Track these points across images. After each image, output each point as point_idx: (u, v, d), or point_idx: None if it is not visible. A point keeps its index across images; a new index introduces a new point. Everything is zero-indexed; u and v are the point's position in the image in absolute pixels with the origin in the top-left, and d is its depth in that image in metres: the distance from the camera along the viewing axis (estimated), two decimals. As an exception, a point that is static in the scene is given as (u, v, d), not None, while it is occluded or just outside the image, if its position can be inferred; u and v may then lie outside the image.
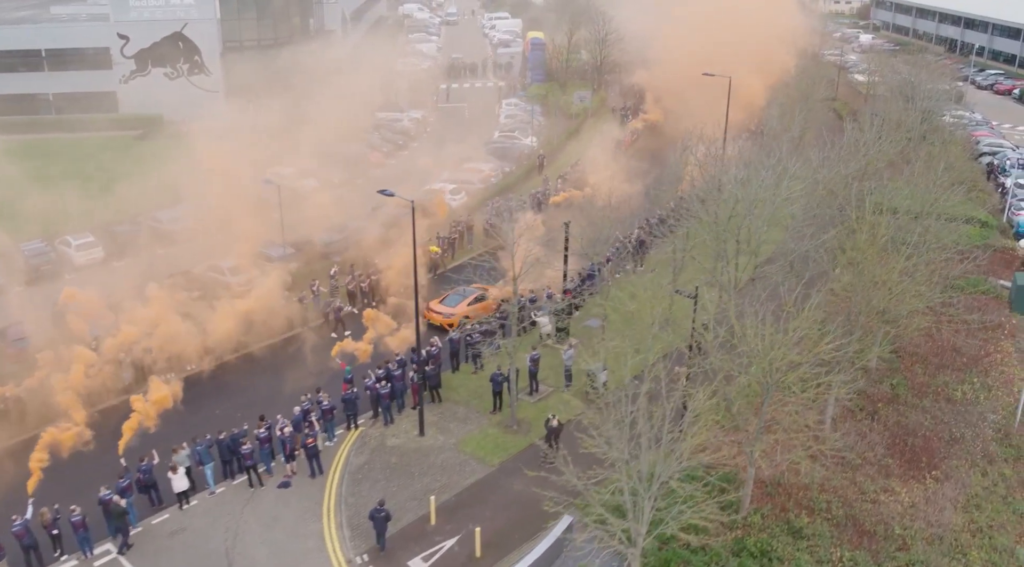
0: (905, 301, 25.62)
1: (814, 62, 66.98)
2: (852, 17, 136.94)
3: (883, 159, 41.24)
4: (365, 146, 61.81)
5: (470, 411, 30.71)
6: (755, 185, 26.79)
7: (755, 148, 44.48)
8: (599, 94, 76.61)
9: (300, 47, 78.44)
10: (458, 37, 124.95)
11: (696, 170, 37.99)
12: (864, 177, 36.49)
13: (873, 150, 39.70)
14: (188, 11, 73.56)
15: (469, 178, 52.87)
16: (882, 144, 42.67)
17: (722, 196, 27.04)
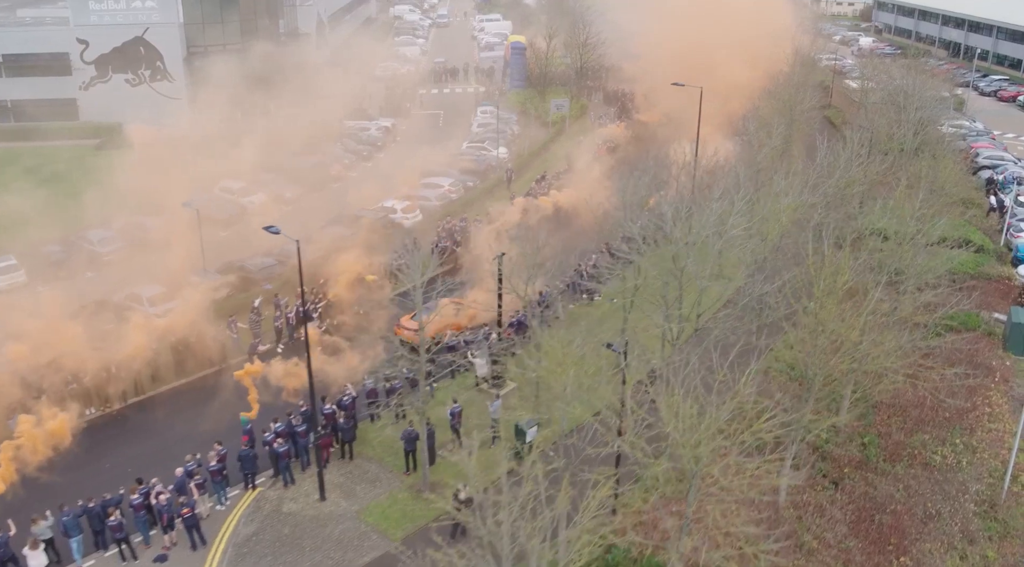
0: (872, 361, 21.94)
1: (805, 66, 62.91)
2: (854, 19, 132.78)
3: (866, 180, 37.47)
4: (325, 157, 58.25)
5: (383, 470, 27.15)
6: (696, 223, 23.11)
7: (735, 164, 40.77)
8: (580, 101, 72.88)
9: (269, 52, 75.08)
10: (447, 40, 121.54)
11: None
12: (840, 203, 32.75)
13: (853, 170, 35.95)
14: (150, 15, 70.33)
15: (425, 195, 49.25)
16: (866, 162, 38.93)
17: (663, 233, 23.34)
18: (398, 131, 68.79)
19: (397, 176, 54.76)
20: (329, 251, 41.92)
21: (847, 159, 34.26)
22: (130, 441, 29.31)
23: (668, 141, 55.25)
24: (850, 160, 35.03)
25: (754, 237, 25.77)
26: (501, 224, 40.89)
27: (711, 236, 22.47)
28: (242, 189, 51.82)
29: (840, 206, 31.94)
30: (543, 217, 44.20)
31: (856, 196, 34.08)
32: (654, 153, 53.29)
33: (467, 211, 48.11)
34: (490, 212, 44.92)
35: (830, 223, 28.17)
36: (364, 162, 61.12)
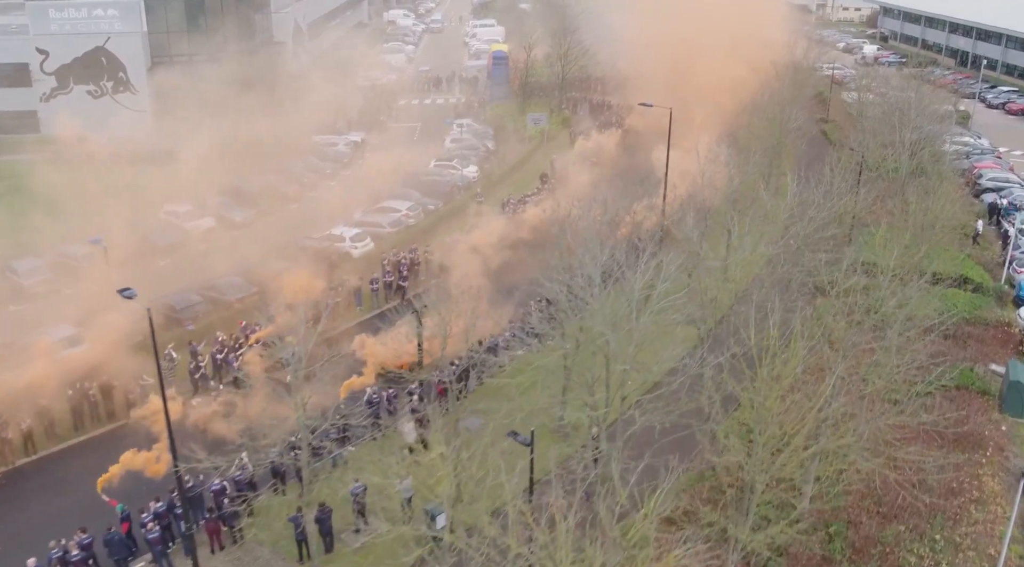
0: (834, 455, 18.28)
1: (799, 78, 59.03)
2: (861, 26, 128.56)
3: (850, 215, 33.70)
4: (281, 177, 54.79)
5: (275, 557, 23.63)
6: (615, 297, 19.33)
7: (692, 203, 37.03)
8: (560, 115, 69.21)
9: (238, 62, 71.82)
10: (438, 46, 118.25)
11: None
12: (815, 245, 28.97)
13: (835, 203, 32.18)
14: (112, 23, 67.23)
15: (378, 220, 45.70)
16: (853, 191, 35.15)
17: (578, 304, 19.55)
18: (368, 146, 65.29)
19: (352, 198, 51.53)
20: (262, 289, 38.63)
21: (825, 193, 30.44)
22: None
23: (650, 156, 51.86)
24: (831, 193, 31.25)
25: (696, 303, 22.09)
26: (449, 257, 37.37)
27: (631, 312, 18.78)
28: (188, 213, 48.45)
29: (816, 249, 28.15)
30: (502, 246, 40.57)
31: (835, 237, 30.23)
32: (628, 175, 50.13)
33: (424, 239, 44.61)
34: (444, 242, 41.43)
35: (798, 275, 24.45)
36: (327, 181, 57.63)
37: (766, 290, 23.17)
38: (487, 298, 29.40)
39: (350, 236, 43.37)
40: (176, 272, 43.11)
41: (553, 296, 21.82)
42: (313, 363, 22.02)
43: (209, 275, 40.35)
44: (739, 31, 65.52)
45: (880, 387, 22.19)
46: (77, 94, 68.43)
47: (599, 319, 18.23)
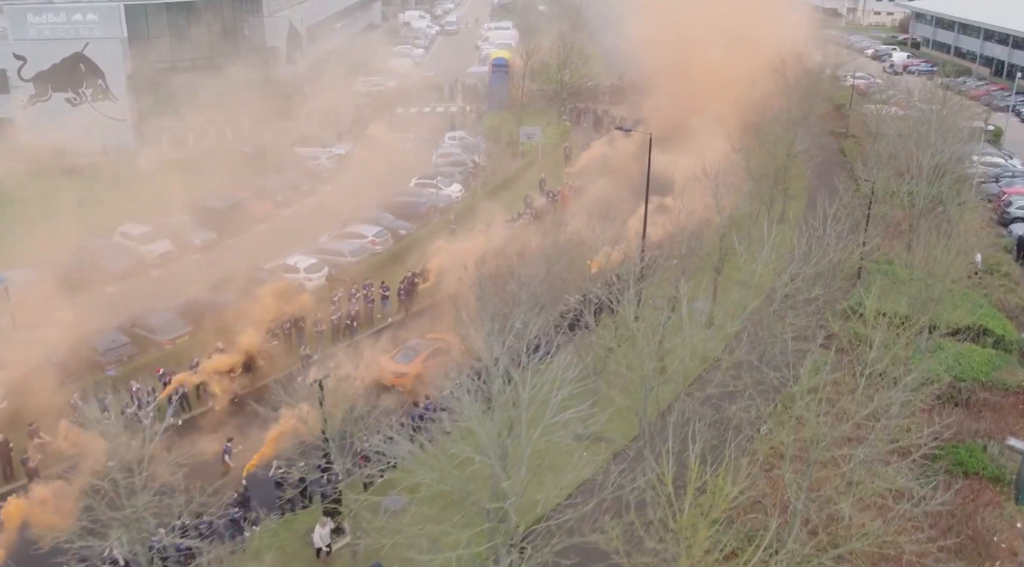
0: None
1: (814, 87, 54.52)
2: (892, 30, 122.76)
3: (853, 260, 29.34)
4: (249, 195, 51.33)
5: None
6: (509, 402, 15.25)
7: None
8: (558, 127, 65.11)
9: (225, 70, 68.79)
10: (450, 50, 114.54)
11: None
12: (801, 305, 24.67)
13: (832, 253, 27.84)
14: (92, 29, 64.37)
15: (338, 248, 41.99)
16: (859, 234, 30.78)
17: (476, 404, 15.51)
18: (354, 159, 61.71)
19: (323, 220, 48.04)
20: (198, 327, 35.18)
21: (818, 241, 26.11)
22: None
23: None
24: (824, 241, 26.96)
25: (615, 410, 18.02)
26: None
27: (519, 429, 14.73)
28: (143, 235, 45.18)
29: (800, 312, 23.90)
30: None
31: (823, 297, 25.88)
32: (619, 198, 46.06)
33: (387, 270, 40.89)
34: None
35: (757, 370, 20.25)
36: (304, 198, 54.15)
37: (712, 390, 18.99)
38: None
39: (304, 267, 39.74)
40: (120, 302, 39.90)
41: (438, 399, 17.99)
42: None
43: (146, 308, 36.97)
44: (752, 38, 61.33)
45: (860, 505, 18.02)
46: (56, 102, 65.66)
47: (480, 438, 14.37)
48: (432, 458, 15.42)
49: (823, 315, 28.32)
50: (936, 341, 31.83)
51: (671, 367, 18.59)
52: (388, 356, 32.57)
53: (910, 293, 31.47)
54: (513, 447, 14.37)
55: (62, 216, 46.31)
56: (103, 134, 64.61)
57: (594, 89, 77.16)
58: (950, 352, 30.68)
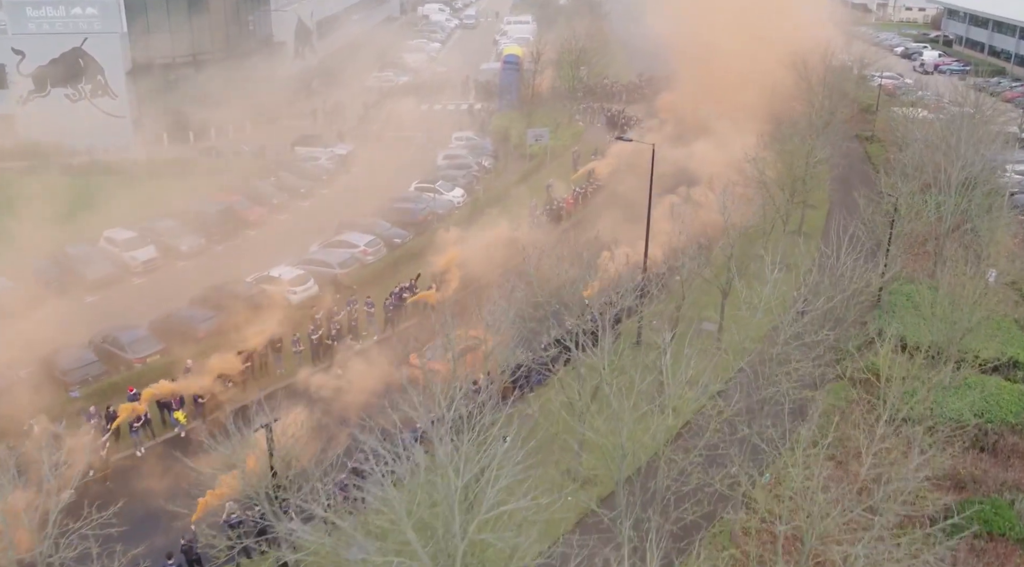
0: None
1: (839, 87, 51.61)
2: (924, 27, 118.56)
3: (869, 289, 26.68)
4: (249, 196, 49.34)
5: None
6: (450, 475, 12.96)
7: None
8: (569, 129, 62.52)
9: (227, 65, 66.97)
10: (467, 44, 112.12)
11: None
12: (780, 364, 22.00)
13: (847, 283, 25.20)
14: (91, 23, 62.61)
15: (326, 259, 39.84)
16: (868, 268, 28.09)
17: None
18: (356, 160, 59.60)
19: (316, 227, 45.97)
20: (169, 347, 33.19)
21: (828, 276, 23.50)
22: None
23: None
24: (837, 271, 24.36)
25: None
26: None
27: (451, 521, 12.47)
28: (128, 240, 43.33)
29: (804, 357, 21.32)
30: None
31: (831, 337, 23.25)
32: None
33: (376, 285, 38.72)
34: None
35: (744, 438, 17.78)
36: (300, 201, 52.09)
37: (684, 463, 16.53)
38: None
39: (289, 279, 37.63)
40: (98, 313, 38.09)
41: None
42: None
43: (117, 324, 35.06)
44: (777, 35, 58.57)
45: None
46: (55, 97, 64.09)
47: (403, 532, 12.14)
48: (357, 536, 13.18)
49: (834, 351, 25.81)
50: (962, 376, 29.18)
51: (651, 427, 16.26)
52: (414, 353, 31.36)
53: (934, 323, 28.86)
54: (445, 541, 12.14)
55: (51, 218, 44.66)
56: (102, 131, 62.94)
57: (611, 87, 74.65)
58: (976, 389, 27.97)
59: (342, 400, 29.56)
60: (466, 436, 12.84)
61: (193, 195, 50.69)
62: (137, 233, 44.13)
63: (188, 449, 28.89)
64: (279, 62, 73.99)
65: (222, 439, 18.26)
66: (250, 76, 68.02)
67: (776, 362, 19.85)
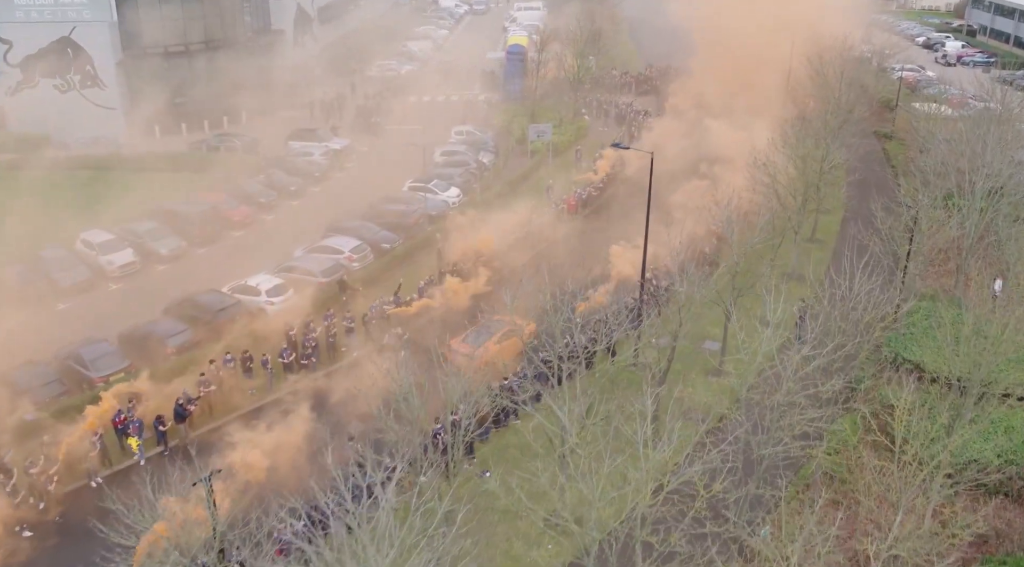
0: None
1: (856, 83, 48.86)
2: (947, 15, 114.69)
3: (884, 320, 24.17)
4: (236, 195, 47.24)
5: None
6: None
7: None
8: (573, 124, 59.96)
9: (221, 55, 64.82)
10: (478, 31, 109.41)
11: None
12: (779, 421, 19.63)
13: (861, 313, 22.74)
14: (80, 11, 60.61)
15: (309, 267, 37.66)
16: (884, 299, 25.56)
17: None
18: (352, 155, 57.39)
19: (300, 229, 43.84)
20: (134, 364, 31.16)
21: (826, 318, 21.02)
22: None
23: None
24: (850, 304, 21.93)
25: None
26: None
27: None
28: (105, 243, 41.34)
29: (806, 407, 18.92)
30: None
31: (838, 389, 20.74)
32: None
33: (379, 285, 36.66)
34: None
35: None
36: (290, 201, 49.95)
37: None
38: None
39: (266, 288, 35.51)
40: (68, 323, 36.12)
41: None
42: None
43: (84, 337, 33.08)
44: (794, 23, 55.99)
45: None
46: (44, 88, 62.23)
47: None
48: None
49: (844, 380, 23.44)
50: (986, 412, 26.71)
51: (625, 501, 14.06)
52: (458, 338, 31.57)
53: (955, 350, 26.38)
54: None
55: (30, 217, 42.83)
56: (93, 123, 61.20)
57: (620, 78, 71.99)
58: (1001, 427, 25.54)
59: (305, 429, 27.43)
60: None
61: (177, 193, 48.83)
62: (115, 235, 42.12)
63: (148, 477, 27.09)
64: (278, 51, 71.73)
65: (133, 503, 16.26)
66: (246, 66, 65.83)
67: (778, 413, 17.57)
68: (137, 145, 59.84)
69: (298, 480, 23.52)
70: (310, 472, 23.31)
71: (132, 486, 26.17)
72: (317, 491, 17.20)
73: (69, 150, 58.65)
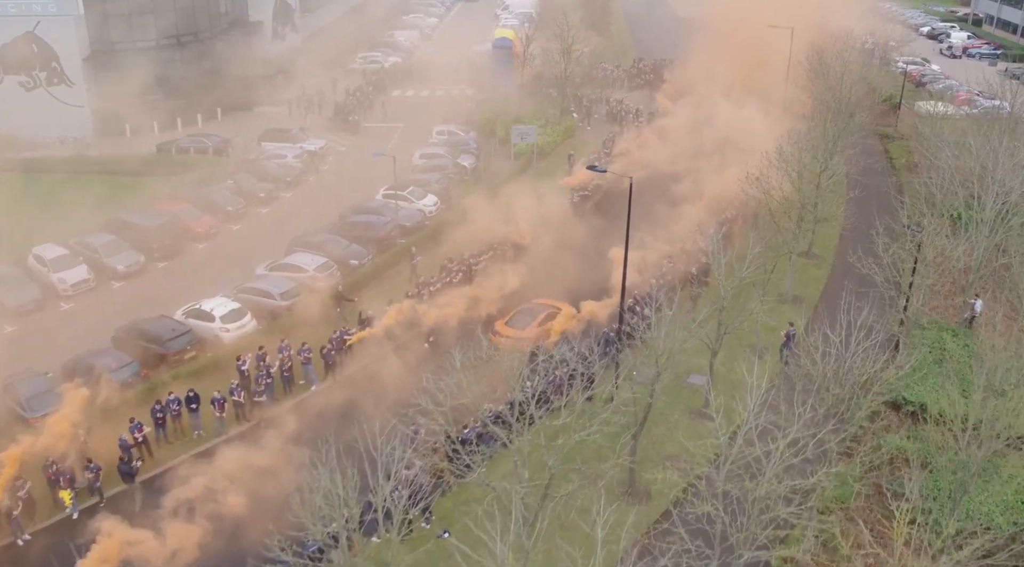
0: None
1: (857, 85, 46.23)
2: (952, 2, 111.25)
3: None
4: (200, 203, 44.65)
5: None
6: None
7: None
8: (558, 125, 57.16)
9: (193, 50, 62.10)
10: (469, 19, 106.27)
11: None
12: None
13: (845, 376, 20.25)
14: (44, 5, 57.70)
15: (268, 289, 35.11)
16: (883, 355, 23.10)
17: None
18: (329, 157, 54.78)
19: (268, 241, 41.33)
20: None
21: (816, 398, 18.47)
22: None
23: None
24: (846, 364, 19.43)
25: None
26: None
27: None
28: (58, 260, 38.82)
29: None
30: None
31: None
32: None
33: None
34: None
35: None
36: (260, 208, 47.37)
37: None
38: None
39: (221, 314, 33.03)
40: (11, 350, 33.64)
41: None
42: None
43: (29, 364, 30.73)
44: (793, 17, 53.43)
45: None
46: (9, 85, 59.46)
47: None
48: None
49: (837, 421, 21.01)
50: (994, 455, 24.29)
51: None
52: (502, 321, 32.18)
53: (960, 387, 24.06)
54: None
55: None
56: (60, 122, 58.52)
57: (613, 72, 69.17)
58: (1012, 485, 23.11)
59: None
60: None
61: (142, 199, 46.35)
62: (69, 250, 39.62)
63: (79, 533, 24.79)
64: (256, 44, 68.84)
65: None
66: (221, 61, 63.11)
67: (758, 509, 15.19)
68: (106, 146, 57.35)
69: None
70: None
71: (58, 545, 24.19)
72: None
73: (36, 150, 56.06)
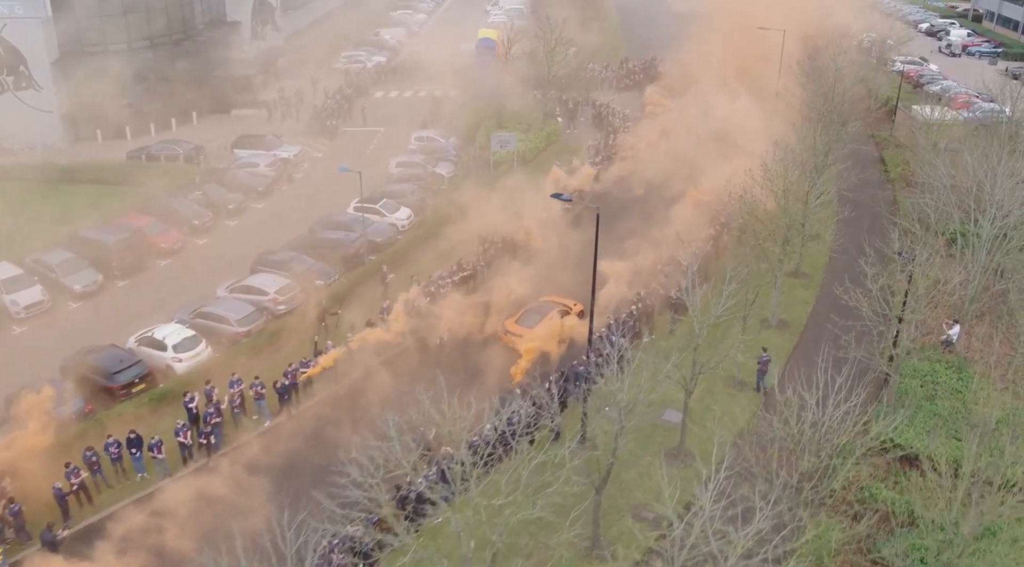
0: None
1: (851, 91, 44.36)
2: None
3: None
4: (157, 219, 42.76)
5: None
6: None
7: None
8: (541, 131, 55.17)
9: (167, 52, 60.19)
10: (459, 16, 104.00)
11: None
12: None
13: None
14: (11, 7, 55.71)
15: (224, 314, 33.26)
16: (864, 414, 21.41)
17: None
18: (304, 164, 52.90)
19: (234, 258, 39.49)
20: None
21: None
22: None
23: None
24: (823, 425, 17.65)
25: None
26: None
27: None
28: (11, 280, 37.01)
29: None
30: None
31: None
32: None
33: (288, 343, 32.39)
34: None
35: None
36: (228, 220, 45.54)
37: None
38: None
39: (174, 342, 31.23)
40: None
41: None
42: None
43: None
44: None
45: None
46: (-24, 90, 57.62)
47: None
48: None
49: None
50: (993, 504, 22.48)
51: None
52: (512, 319, 32.16)
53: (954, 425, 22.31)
54: None
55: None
56: (28, 127, 56.69)
57: (601, 73, 67.16)
58: (1008, 552, 21.25)
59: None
60: None
61: (109, 211, 44.53)
62: (24, 270, 37.82)
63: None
64: (234, 45, 66.87)
65: None
66: (197, 63, 61.21)
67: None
68: (76, 152, 55.54)
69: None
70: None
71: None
72: None
73: (5, 157, 54.22)
